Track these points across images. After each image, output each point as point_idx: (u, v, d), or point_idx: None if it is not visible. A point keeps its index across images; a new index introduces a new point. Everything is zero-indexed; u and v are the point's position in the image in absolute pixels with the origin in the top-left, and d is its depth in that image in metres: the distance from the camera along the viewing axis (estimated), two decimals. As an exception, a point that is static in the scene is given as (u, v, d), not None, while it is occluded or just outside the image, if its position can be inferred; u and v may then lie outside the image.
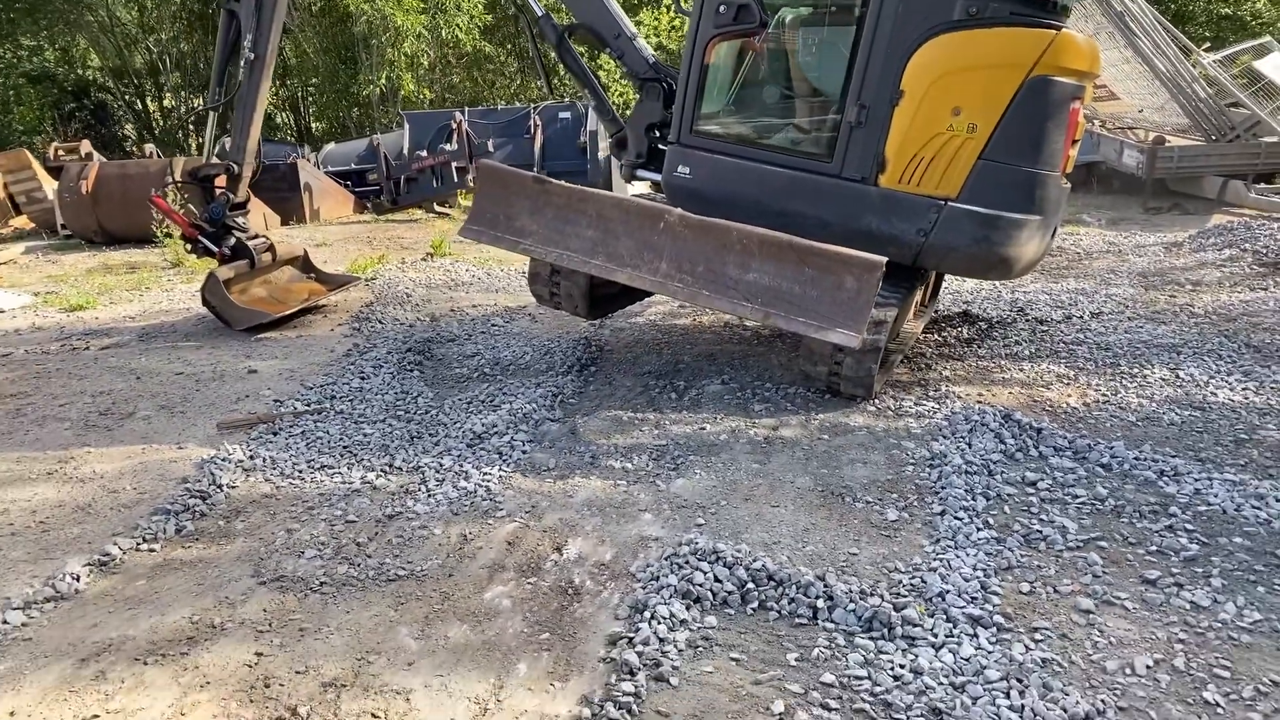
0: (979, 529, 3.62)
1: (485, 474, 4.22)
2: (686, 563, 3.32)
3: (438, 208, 14.60)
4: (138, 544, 3.67)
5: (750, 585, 3.20)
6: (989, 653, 2.85)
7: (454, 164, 14.35)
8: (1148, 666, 2.79)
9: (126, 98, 26.69)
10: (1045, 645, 2.91)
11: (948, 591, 3.15)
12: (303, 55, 22.08)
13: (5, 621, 3.10)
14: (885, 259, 4.42)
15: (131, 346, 6.81)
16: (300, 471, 4.35)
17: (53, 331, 7.43)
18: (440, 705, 2.65)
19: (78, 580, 3.37)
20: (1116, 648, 2.90)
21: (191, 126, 24.68)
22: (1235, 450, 4.39)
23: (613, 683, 2.71)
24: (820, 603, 3.10)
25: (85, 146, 16.68)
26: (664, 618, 3.00)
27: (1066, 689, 2.67)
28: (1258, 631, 2.96)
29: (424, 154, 14.65)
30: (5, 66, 24.37)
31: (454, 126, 14.85)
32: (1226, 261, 8.68)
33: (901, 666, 2.79)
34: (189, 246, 7.38)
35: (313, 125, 26.55)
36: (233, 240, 7.20)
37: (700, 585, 3.18)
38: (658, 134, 5.91)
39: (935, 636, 2.93)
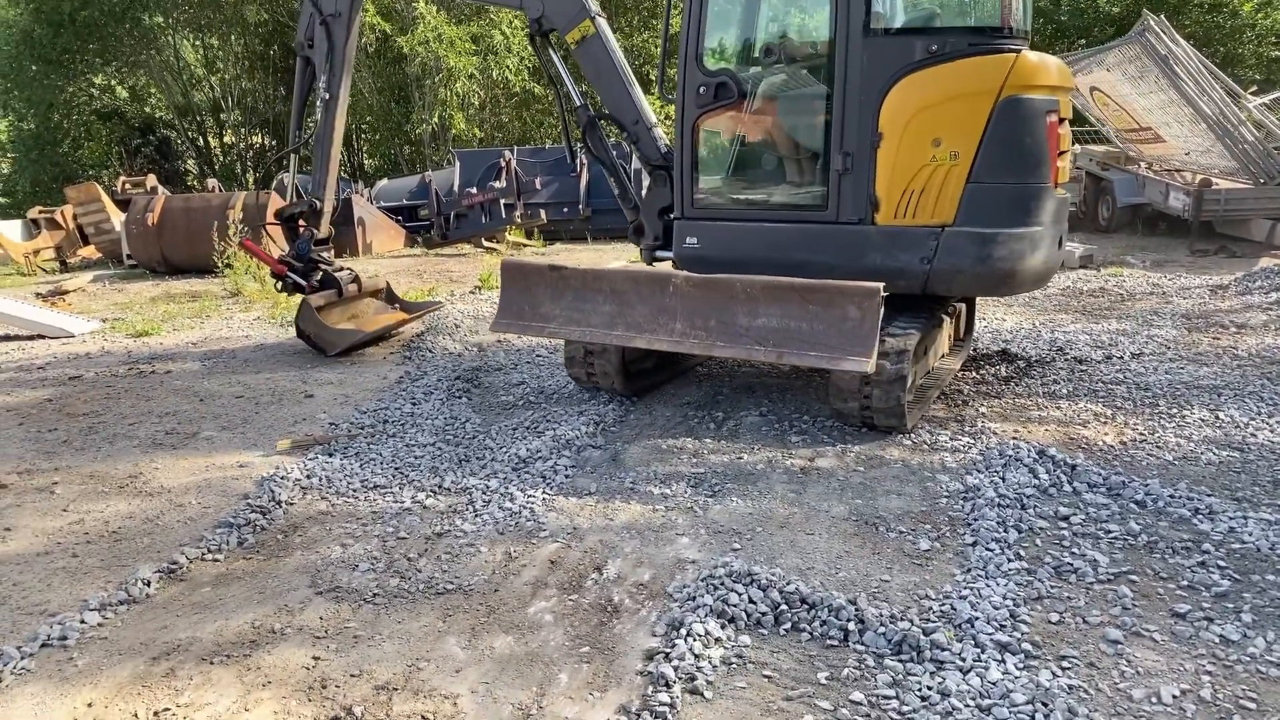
0: (1010, 560, 3.69)
1: (529, 496, 4.40)
2: (722, 584, 3.44)
3: (486, 243, 14.98)
4: (203, 554, 3.89)
5: (784, 607, 3.32)
6: (1016, 678, 2.92)
7: (502, 201, 14.74)
8: (1174, 696, 2.84)
9: (189, 134, 27.78)
10: (1072, 673, 2.97)
11: (977, 618, 3.23)
12: (358, 94, 22.84)
13: (84, 621, 3.32)
14: (882, 285, 4.66)
15: (194, 370, 7.14)
16: (354, 490, 4.56)
17: (120, 355, 7.81)
18: (486, 709, 2.80)
19: (148, 586, 3.60)
20: (1144, 677, 2.95)
21: (250, 163, 25.54)
22: (1273, 490, 4.40)
23: (649, 694, 2.84)
24: (851, 625, 3.20)
25: (151, 180, 17.42)
26: (699, 635, 3.12)
27: (1092, 715, 2.74)
28: (1286, 666, 3.00)
29: (473, 191, 15.08)
30: (78, 104, 25.53)
31: (503, 164, 15.27)
32: (1273, 304, 8.61)
33: (929, 688, 2.88)
34: (279, 284, 7.65)
35: (366, 162, 27.38)
36: (319, 274, 7.52)
37: (735, 606, 3.30)
38: (670, 217, 6.14)
39: (963, 661, 3.01)
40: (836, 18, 5.05)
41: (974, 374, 6.53)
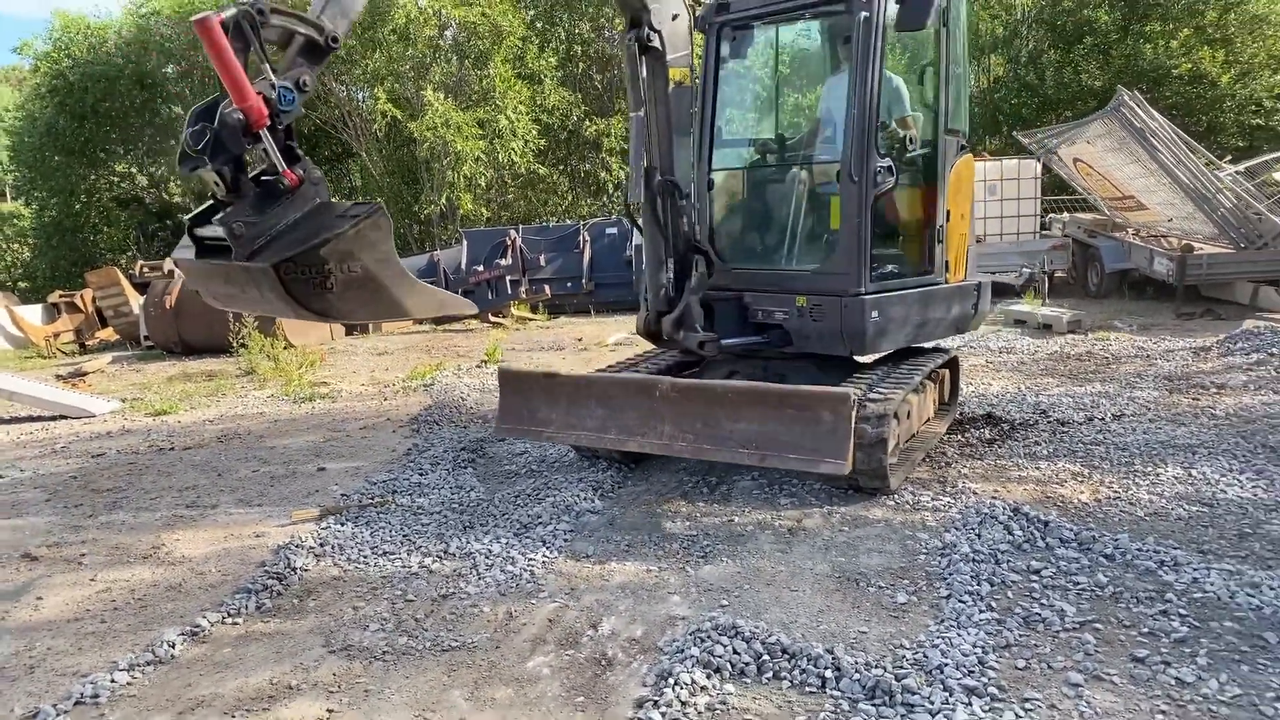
0: (981, 611, 3.91)
1: (530, 559, 4.64)
2: (708, 636, 3.67)
3: (492, 318, 15.40)
4: (223, 618, 4.14)
5: (765, 657, 3.54)
6: (981, 719, 3.14)
7: (508, 278, 15.20)
8: (1129, 734, 3.05)
9: (205, 218, 28.48)
10: (1034, 714, 3.18)
11: (946, 664, 3.45)
12: (369, 177, 23.61)
13: (114, 680, 3.57)
14: (853, 391, 4.92)
15: (211, 447, 7.45)
16: (365, 557, 4.82)
17: (140, 434, 8.13)
18: (487, 754, 3.02)
19: (173, 647, 3.84)
20: (1101, 717, 3.16)
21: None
22: (1238, 543, 4.61)
23: (638, 738, 3.06)
24: (829, 673, 3.42)
25: (169, 264, 17.97)
26: (686, 684, 3.35)
27: (1050, 751, 2.94)
28: (1236, 705, 3.20)
29: (480, 268, 15.57)
30: (99, 191, 26.39)
31: (509, 243, 15.79)
32: (1254, 365, 8.87)
33: (900, 729, 3.09)
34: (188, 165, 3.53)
35: (376, 241, 27.94)
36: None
37: (720, 656, 3.53)
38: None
39: (932, 704, 3.22)
40: (937, 118, 6.17)
41: (959, 437, 6.79)
